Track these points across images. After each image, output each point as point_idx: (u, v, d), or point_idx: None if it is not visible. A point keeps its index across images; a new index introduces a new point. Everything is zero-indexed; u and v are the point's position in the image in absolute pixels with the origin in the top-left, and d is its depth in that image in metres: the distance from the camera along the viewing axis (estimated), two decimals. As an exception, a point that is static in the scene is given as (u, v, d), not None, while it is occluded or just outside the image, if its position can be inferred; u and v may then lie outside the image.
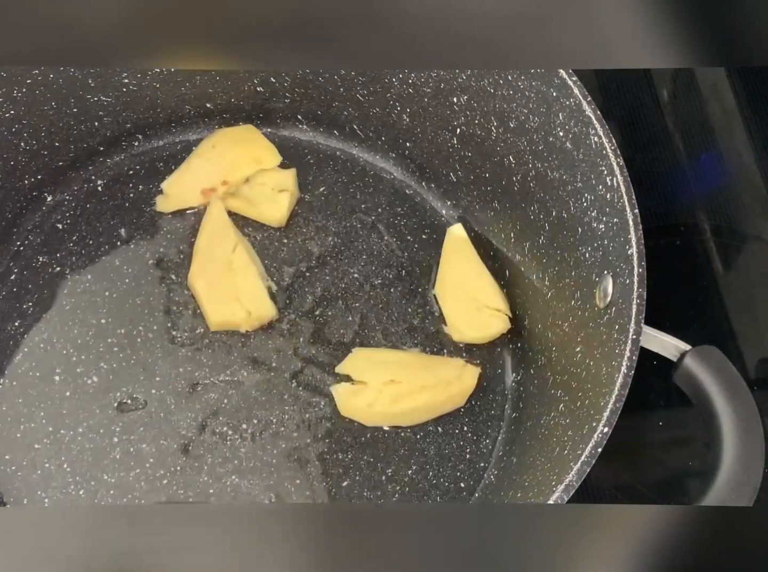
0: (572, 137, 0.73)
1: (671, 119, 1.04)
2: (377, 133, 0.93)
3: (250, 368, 0.85)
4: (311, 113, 0.94)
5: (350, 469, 0.82)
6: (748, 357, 0.92)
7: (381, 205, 0.93)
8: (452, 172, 0.91)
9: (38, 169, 0.88)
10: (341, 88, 0.90)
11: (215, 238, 0.87)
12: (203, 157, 0.90)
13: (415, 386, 0.81)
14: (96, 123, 0.88)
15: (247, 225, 0.91)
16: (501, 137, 0.82)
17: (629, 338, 0.65)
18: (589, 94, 0.72)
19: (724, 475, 0.64)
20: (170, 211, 0.90)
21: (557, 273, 0.80)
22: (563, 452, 0.68)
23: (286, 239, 0.91)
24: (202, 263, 0.86)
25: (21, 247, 0.88)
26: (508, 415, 0.85)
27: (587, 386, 0.70)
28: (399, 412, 0.82)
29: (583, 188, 0.73)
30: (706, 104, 1.05)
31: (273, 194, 0.90)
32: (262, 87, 0.91)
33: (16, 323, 0.84)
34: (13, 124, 0.82)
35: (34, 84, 0.81)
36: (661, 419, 0.89)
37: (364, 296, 0.88)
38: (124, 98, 0.87)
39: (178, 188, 0.90)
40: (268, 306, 0.85)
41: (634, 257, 0.67)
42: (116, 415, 0.82)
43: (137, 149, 0.93)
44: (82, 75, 0.83)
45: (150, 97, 0.89)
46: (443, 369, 0.83)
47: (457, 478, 0.82)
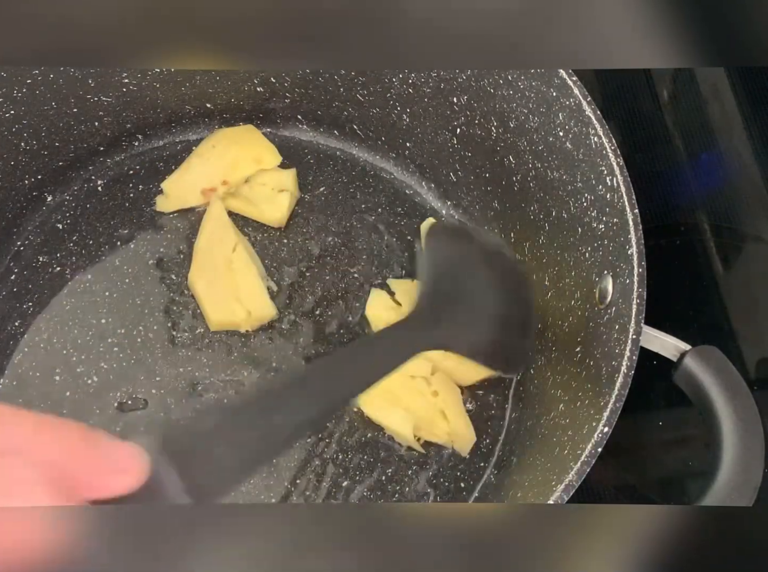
0: (572, 137, 0.73)
1: (671, 119, 1.04)
2: (377, 133, 0.93)
3: (250, 368, 0.85)
4: (311, 113, 0.94)
5: (350, 469, 0.82)
6: (748, 357, 0.92)
7: (381, 205, 0.93)
8: (452, 172, 0.91)
9: (38, 169, 0.87)
10: (341, 88, 0.89)
11: (215, 238, 0.86)
12: (203, 157, 0.90)
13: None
14: (96, 123, 0.88)
15: (247, 225, 0.91)
16: (501, 137, 0.82)
17: (629, 338, 0.65)
18: (589, 94, 0.72)
19: (724, 475, 0.64)
20: (170, 211, 0.90)
21: (557, 273, 0.80)
22: (563, 452, 0.68)
23: (286, 239, 0.91)
24: (202, 262, 0.86)
25: (21, 247, 0.88)
26: (508, 415, 0.85)
27: (587, 386, 0.70)
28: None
29: (583, 188, 0.73)
30: (706, 104, 1.05)
31: (273, 194, 0.90)
32: (262, 87, 0.91)
33: (16, 323, 0.84)
34: (13, 124, 0.82)
35: (34, 84, 0.81)
36: (661, 419, 0.89)
37: (364, 296, 0.88)
38: (124, 98, 0.87)
39: (178, 188, 0.90)
40: (269, 306, 0.85)
41: (634, 257, 0.67)
42: (116, 415, 0.82)
43: (137, 149, 0.93)
44: (82, 75, 0.83)
45: (150, 97, 0.89)
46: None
47: (457, 478, 0.82)
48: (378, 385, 0.60)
